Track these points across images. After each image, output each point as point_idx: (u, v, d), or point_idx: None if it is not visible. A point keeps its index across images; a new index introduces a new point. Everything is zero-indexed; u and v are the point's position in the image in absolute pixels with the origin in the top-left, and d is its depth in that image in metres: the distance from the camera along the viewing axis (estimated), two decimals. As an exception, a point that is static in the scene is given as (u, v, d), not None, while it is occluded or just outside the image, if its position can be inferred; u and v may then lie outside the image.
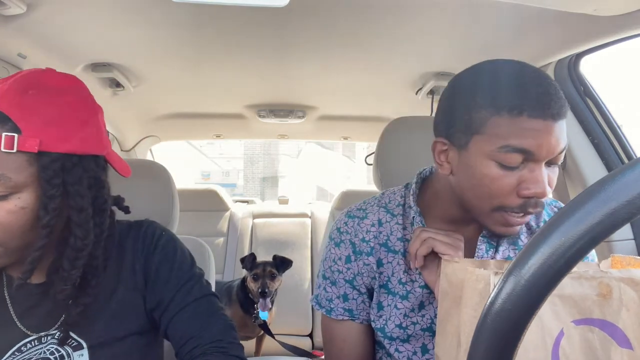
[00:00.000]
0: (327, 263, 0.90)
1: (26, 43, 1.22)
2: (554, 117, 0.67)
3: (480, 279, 0.50)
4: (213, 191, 2.80)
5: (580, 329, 0.49)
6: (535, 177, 0.68)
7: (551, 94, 0.68)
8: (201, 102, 2.02)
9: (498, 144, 0.67)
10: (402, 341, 0.84)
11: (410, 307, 0.82)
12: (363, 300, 0.88)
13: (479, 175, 0.70)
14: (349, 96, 1.90)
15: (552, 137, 0.67)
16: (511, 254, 0.86)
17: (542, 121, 0.66)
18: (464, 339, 0.53)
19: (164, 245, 0.82)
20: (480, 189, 0.71)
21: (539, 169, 0.68)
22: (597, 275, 0.49)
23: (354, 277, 0.87)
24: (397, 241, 0.85)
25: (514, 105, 0.66)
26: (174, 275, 0.80)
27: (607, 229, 0.28)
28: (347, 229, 0.88)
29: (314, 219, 2.83)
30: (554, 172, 0.71)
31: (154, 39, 1.29)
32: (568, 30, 1.10)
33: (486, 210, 0.73)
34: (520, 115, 0.66)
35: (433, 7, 1.11)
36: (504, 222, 0.72)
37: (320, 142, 15.54)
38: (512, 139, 0.67)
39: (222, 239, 2.67)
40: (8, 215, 0.64)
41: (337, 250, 0.88)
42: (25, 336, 0.74)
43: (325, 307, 0.89)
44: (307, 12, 1.13)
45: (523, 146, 0.66)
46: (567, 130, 0.70)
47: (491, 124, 0.68)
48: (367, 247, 0.86)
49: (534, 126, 0.66)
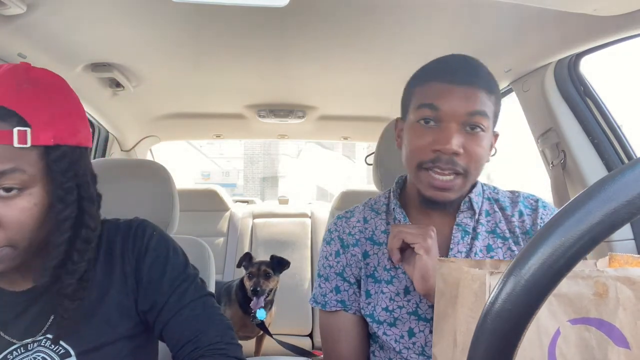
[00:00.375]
0: (321, 262, 1.00)
1: (26, 43, 1.22)
2: (459, 83, 0.83)
3: (476, 278, 0.50)
4: (213, 191, 2.80)
5: (577, 328, 0.49)
6: (445, 135, 0.81)
7: (464, 68, 0.86)
8: (201, 102, 2.02)
9: (416, 105, 0.86)
10: (390, 325, 0.88)
11: (396, 291, 0.89)
12: (354, 292, 0.95)
13: (408, 138, 0.87)
14: (349, 96, 1.90)
15: (455, 98, 0.82)
16: (491, 242, 0.90)
17: (447, 85, 0.83)
18: (460, 338, 0.53)
19: (155, 246, 0.79)
20: (408, 149, 0.87)
21: (449, 130, 0.81)
22: (593, 274, 0.48)
23: (344, 269, 0.95)
24: (381, 234, 0.95)
25: (430, 75, 0.87)
26: (167, 278, 0.77)
27: (607, 229, 0.28)
28: (336, 228, 0.99)
29: (314, 219, 2.83)
30: (474, 140, 0.82)
31: (154, 39, 1.29)
32: (568, 30, 1.10)
33: (413, 171, 0.86)
34: (432, 81, 0.85)
35: (433, 8, 1.11)
36: (428, 182, 0.84)
37: (320, 142, 15.55)
38: (424, 98, 0.85)
39: (222, 239, 2.67)
40: (22, 213, 0.64)
41: (328, 248, 0.99)
42: (10, 344, 0.72)
43: (321, 302, 0.97)
44: (307, 12, 1.13)
45: (430, 101, 0.84)
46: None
47: (416, 93, 0.88)
48: (352, 239, 0.95)
49: (440, 88, 0.83)
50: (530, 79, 1.40)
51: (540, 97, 1.37)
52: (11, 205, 0.62)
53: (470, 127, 0.83)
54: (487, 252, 0.90)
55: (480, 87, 0.84)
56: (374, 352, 0.96)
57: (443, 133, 0.81)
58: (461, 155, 0.82)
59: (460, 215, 0.91)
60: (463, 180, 0.84)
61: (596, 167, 1.29)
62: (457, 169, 0.82)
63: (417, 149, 0.84)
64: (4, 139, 0.61)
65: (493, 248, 0.90)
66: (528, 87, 1.42)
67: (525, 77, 1.42)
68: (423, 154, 0.83)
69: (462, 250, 0.89)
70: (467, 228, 0.91)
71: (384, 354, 0.93)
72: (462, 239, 0.90)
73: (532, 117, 1.45)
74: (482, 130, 0.83)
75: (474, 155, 0.83)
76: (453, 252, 0.89)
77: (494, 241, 0.90)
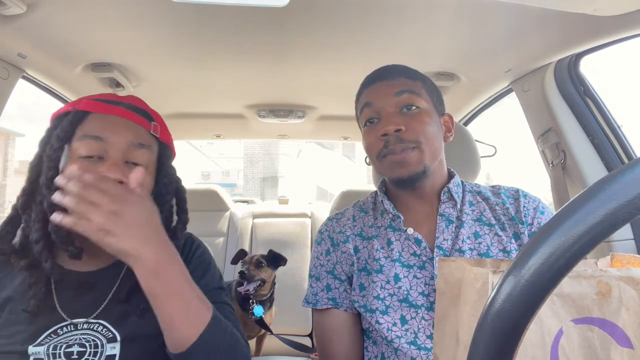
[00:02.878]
0: (312, 262, 1.05)
1: (26, 43, 1.22)
2: (381, 79, 0.98)
3: (479, 277, 0.50)
4: (213, 191, 2.80)
5: (580, 328, 0.48)
6: (385, 121, 0.93)
7: (382, 69, 1.01)
8: (201, 102, 2.02)
9: (359, 109, 1.02)
10: (382, 313, 0.91)
11: (385, 279, 0.93)
12: (345, 289, 0.98)
13: (364, 140, 1.00)
14: (349, 96, 1.89)
15: (382, 90, 0.96)
16: (477, 229, 0.95)
17: (373, 84, 0.99)
18: (462, 337, 0.53)
19: (200, 254, 0.94)
20: (366, 148, 0.99)
21: (387, 114, 0.93)
22: (596, 274, 0.48)
23: (334, 267, 1.00)
24: (369, 229, 1.01)
25: (362, 86, 1.04)
26: (204, 282, 0.87)
27: (607, 229, 0.28)
28: (326, 228, 1.05)
29: (314, 219, 2.83)
30: (414, 117, 0.93)
31: (154, 39, 1.29)
32: (568, 30, 1.10)
33: (376, 163, 0.97)
34: (363, 88, 1.02)
35: (433, 8, 1.11)
36: (389, 164, 0.93)
37: (320, 142, 15.54)
38: (362, 100, 1.01)
39: (222, 239, 2.67)
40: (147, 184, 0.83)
41: (318, 248, 1.04)
42: (62, 320, 0.77)
43: (312, 302, 1.00)
44: (307, 12, 1.13)
45: (365, 100, 0.99)
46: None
47: (357, 104, 1.05)
48: (343, 237, 1.01)
49: (369, 90, 0.99)
50: (530, 79, 1.40)
51: (540, 97, 1.37)
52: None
53: (407, 108, 0.94)
54: (475, 238, 0.94)
55: (399, 76, 0.97)
56: (367, 347, 0.98)
57: (383, 120, 0.94)
58: (405, 131, 0.91)
59: (442, 206, 0.97)
60: (418, 152, 0.92)
61: (596, 167, 1.29)
62: (407, 145, 0.91)
63: (371, 144, 0.96)
64: (146, 125, 0.85)
65: (480, 235, 0.94)
66: (528, 87, 1.42)
67: (525, 77, 1.42)
68: (376, 145, 0.94)
69: (447, 238, 0.94)
70: (450, 217, 0.96)
71: (377, 349, 0.94)
72: (447, 227, 0.95)
73: (532, 117, 1.45)
74: (418, 108, 0.94)
75: (418, 129, 0.91)
76: (439, 241, 0.94)
77: (480, 228, 0.95)
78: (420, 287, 0.91)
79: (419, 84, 0.97)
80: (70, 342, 0.75)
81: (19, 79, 1.34)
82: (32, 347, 0.73)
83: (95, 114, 0.81)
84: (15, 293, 0.78)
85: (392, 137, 0.91)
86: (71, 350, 0.74)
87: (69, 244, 0.76)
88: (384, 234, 0.98)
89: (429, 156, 0.93)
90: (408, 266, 0.93)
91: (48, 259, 0.76)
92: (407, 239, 0.95)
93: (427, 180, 0.96)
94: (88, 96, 0.86)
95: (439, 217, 0.96)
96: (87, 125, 0.80)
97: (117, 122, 0.81)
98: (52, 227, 0.75)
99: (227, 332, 0.76)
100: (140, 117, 0.85)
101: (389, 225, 0.99)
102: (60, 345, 0.74)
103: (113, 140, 0.79)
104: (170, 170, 0.91)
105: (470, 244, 0.93)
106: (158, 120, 0.90)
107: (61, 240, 0.75)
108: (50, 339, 0.75)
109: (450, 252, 0.92)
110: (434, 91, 1.00)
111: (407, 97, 0.93)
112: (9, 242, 0.81)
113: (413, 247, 0.94)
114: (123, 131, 0.80)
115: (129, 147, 0.80)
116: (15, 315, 0.76)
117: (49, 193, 0.74)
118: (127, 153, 0.80)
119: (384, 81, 0.97)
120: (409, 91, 0.94)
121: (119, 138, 0.79)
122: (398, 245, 0.95)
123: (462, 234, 0.93)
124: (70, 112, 0.81)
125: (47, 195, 0.75)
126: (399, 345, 0.88)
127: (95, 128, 0.79)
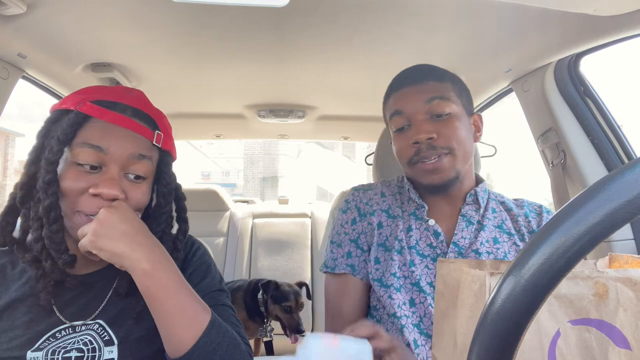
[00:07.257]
0: (335, 229, 1.06)
1: (26, 43, 1.22)
2: (409, 84, 0.97)
3: (476, 279, 0.50)
4: (213, 191, 2.79)
5: (577, 329, 0.48)
6: (416, 129, 0.93)
7: (410, 71, 1.00)
8: (201, 102, 2.02)
9: (389, 116, 1.00)
10: (396, 290, 0.94)
11: (403, 261, 0.95)
12: (365, 259, 1.00)
13: (394, 144, 1.00)
14: (349, 96, 1.90)
15: (411, 96, 0.95)
16: (497, 235, 0.96)
17: (402, 89, 0.98)
18: (460, 339, 0.53)
19: (200, 255, 0.93)
20: (396, 154, 1.00)
21: (417, 123, 0.93)
22: (593, 275, 0.48)
23: (359, 236, 1.02)
24: (396, 208, 1.03)
25: (390, 90, 1.02)
26: (205, 283, 0.87)
27: (607, 229, 0.28)
28: (353, 198, 1.06)
29: (314, 219, 2.83)
30: (445, 124, 0.92)
31: (154, 39, 1.29)
32: (568, 30, 1.10)
33: (407, 169, 0.98)
34: (392, 93, 1.00)
35: (433, 7, 1.11)
36: (421, 171, 0.94)
37: (320, 142, 15.54)
38: (391, 108, 0.99)
39: (222, 239, 2.67)
40: (144, 197, 0.80)
41: (344, 216, 1.05)
42: (60, 323, 0.77)
43: (330, 266, 1.02)
44: (307, 12, 1.13)
45: (395, 108, 0.97)
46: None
47: (386, 107, 1.03)
48: (370, 209, 1.03)
49: (398, 95, 0.98)
50: (530, 79, 1.40)
51: (540, 97, 1.37)
52: (136, 190, 0.79)
53: (437, 115, 0.93)
54: (494, 243, 0.96)
55: (429, 79, 0.96)
56: (371, 312, 1.01)
57: (414, 128, 0.94)
58: (437, 138, 0.91)
59: (466, 207, 0.98)
60: (451, 157, 0.92)
61: (596, 167, 1.29)
62: (439, 151, 0.91)
63: (402, 150, 0.97)
64: (148, 135, 0.81)
65: (499, 241, 0.96)
66: (528, 87, 1.42)
67: (525, 77, 1.42)
68: (407, 152, 0.95)
69: (465, 237, 0.96)
70: (471, 219, 0.98)
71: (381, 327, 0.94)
72: (467, 228, 0.97)
73: (532, 117, 1.45)
74: (449, 114, 0.93)
75: (450, 135, 0.92)
76: (457, 238, 0.96)
77: (500, 235, 0.97)
78: (429, 278, 0.93)
79: (449, 85, 0.97)
80: (69, 347, 0.75)
81: (19, 79, 1.34)
82: (31, 352, 0.73)
83: (98, 120, 0.77)
84: (17, 295, 0.77)
85: (423, 144, 0.92)
86: (69, 355, 0.74)
87: (62, 252, 0.74)
88: (407, 219, 1.00)
89: (461, 160, 0.94)
90: (423, 255, 0.96)
91: (48, 259, 0.76)
92: (426, 229, 0.98)
93: (458, 184, 0.97)
94: (92, 89, 0.81)
95: (460, 217, 0.98)
96: (88, 132, 0.76)
97: (119, 132, 0.77)
98: (46, 233, 0.74)
99: (226, 336, 0.75)
100: (144, 127, 0.80)
101: (412, 212, 1.01)
102: (58, 350, 0.74)
103: (113, 151, 0.76)
104: (170, 179, 0.87)
105: (489, 248, 0.95)
106: (162, 123, 0.85)
107: (55, 247, 0.74)
108: (48, 343, 0.74)
109: (466, 251, 0.94)
110: (463, 91, 1.00)
111: (437, 103, 0.93)
112: (9, 234, 0.80)
113: (431, 238, 0.97)
114: (124, 142, 0.77)
115: (129, 159, 0.78)
116: (11, 322, 0.75)
117: (46, 198, 0.73)
118: (126, 165, 0.78)
119: (413, 85, 0.96)
120: (439, 97, 0.94)
121: (119, 150, 0.76)
122: (417, 234, 0.98)
123: (482, 237, 0.95)
124: (72, 112, 0.77)
125: (44, 199, 0.73)
126: (406, 324, 0.90)
127: (95, 136, 0.76)
